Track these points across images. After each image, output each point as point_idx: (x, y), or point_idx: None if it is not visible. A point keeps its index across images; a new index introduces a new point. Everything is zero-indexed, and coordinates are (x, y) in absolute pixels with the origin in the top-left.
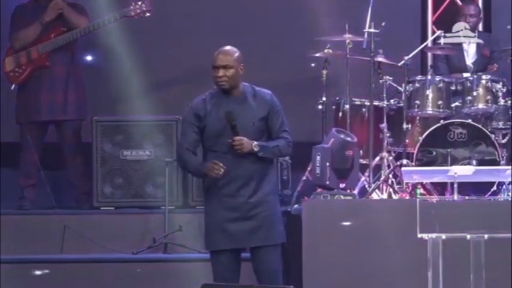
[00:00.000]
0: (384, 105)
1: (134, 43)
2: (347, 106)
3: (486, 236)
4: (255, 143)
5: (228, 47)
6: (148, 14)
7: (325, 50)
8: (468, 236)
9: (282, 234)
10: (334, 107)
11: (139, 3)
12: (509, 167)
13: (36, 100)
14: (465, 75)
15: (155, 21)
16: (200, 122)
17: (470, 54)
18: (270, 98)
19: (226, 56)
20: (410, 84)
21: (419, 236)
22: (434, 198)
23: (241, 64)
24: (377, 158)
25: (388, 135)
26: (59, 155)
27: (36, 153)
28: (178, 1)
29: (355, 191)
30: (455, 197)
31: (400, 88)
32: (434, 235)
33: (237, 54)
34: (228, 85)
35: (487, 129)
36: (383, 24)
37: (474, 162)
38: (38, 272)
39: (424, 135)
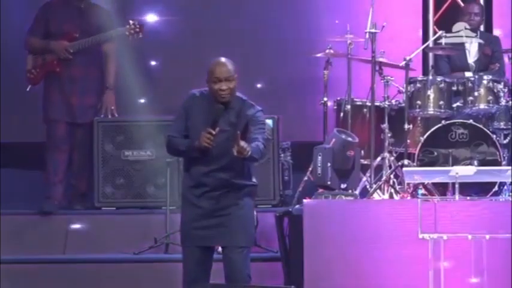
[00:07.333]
0: (385, 105)
1: (134, 43)
2: (348, 106)
3: (487, 236)
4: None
5: (224, 59)
6: (141, 35)
7: (327, 51)
8: (469, 236)
9: (251, 237)
10: (335, 107)
11: (136, 23)
12: (511, 168)
13: (64, 101)
14: (467, 74)
15: (156, 21)
16: (187, 118)
17: (472, 53)
18: (253, 113)
19: (228, 68)
20: (412, 85)
21: (420, 236)
22: (436, 198)
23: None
24: (378, 159)
25: (389, 135)
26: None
27: (65, 153)
28: (180, 2)
29: (357, 192)
30: (457, 197)
31: (401, 88)
32: (435, 235)
33: (233, 64)
34: (230, 98)
35: (489, 130)
36: (384, 24)
37: (475, 162)
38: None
39: (425, 136)
